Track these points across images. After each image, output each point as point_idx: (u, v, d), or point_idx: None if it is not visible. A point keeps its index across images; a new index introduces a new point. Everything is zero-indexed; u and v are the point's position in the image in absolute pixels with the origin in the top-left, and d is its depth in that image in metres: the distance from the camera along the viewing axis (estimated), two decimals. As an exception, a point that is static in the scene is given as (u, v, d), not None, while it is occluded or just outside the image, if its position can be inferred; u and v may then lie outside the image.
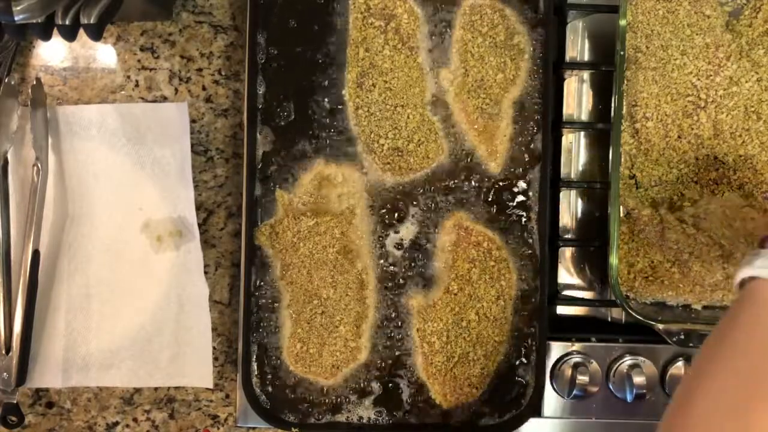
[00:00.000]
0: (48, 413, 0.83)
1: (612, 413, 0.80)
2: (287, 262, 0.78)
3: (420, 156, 0.78)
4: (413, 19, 0.78)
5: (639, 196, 0.78)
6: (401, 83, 0.77)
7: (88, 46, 0.83)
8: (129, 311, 0.82)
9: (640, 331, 0.77)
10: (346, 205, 0.78)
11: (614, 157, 0.74)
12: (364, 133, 0.78)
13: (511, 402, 0.78)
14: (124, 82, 0.83)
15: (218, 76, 0.84)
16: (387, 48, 0.77)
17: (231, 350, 0.83)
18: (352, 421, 0.78)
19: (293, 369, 0.78)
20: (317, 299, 0.77)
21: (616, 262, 0.73)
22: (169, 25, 0.83)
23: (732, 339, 0.53)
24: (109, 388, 0.83)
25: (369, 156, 0.78)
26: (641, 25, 0.77)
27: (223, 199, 0.84)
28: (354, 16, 0.78)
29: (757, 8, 0.78)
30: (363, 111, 0.78)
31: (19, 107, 0.80)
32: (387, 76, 0.77)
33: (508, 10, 0.78)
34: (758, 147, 0.78)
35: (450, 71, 0.78)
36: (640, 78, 0.77)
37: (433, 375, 0.78)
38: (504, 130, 0.78)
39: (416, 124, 0.78)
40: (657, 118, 0.78)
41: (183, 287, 0.81)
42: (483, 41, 0.78)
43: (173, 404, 0.83)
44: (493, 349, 0.78)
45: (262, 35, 0.78)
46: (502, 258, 0.78)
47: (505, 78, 0.78)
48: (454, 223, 0.78)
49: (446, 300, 0.78)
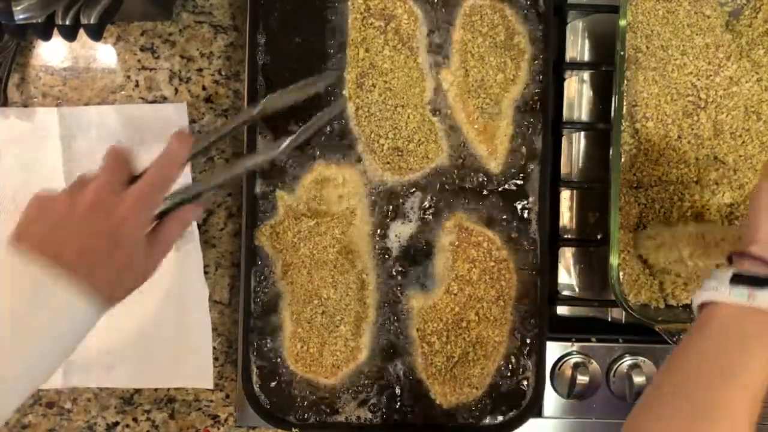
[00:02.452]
0: (48, 413, 0.83)
1: (612, 413, 0.80)
2: (288, 262, 0.78)
3: (420, 156, 0.78)
4: (413, 20, 0.78)
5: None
6: (401, 83, 0.77)
7: (88, 46, 0.83)
8: (129, 312, 0.81)
9: (640, 331, 0.77)
10: (346, 205, 0.78)
11: (614, 157, 0.74)
12: (364, 134, 0.78)
13: (511, 402, 0.78)
14: (124, 82, 0.83)
15: (218, 76, 0.84)
16: (387, 48, 0.77)
17: (231, 350, 0.83)
18: (351, 421, 0.78)
19: (293, 369, 0.78)
20: (317, 299, 0.78)
21: (617, 262, 0.73)
22: (169, 25, 0.83)
23: (684, 363, 0.53)
24: (109, 388, 0.83)
25: (369, 156, 0.78)
26: (641, 25, 0.77)
27: (223, 199, 0.84)
28: (353, 16, 0.78)
29: (757, 8, 0.78)
30: (363, 111, 0.78)
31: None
32: (387, 76, 0.77)
33: (508, 10, 0.78)
34: (758, 147, 0.78)
35: (450, 71, 0.78)
36: (640, 78, 0.77)
37: (433, 375, 0.78)
38: (504, 130, 0.78)
39: (416, 124, 0.78)
40: (657, 118, 0.78)
41: (183, 287, 0.81)
42: (483, 41, 0.78)
43: (173, 404, 0.83)
44: (493, 349, 0.78)
45: (262, 35, 0.78)
46: (502, 258, 0.78)
47: (505, 78, 0.78)
48: (454, 223, 0.78)
49: (446, 300, 0.78)
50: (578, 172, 0.82)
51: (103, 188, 0.58)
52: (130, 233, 0.58)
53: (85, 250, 0.56)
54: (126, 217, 0.58)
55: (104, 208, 0.57)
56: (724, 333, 0.53)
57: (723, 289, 0.52)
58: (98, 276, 0.56)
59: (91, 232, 0.56)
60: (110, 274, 0.57)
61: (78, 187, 0.59)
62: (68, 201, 0.58)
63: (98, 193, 0.58)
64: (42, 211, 0.57)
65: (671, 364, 0.55)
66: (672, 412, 0.51)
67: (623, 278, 0.76)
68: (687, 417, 0.50)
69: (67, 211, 0.57)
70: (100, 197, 0.58)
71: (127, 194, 0.58)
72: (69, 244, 0.55)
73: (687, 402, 0.51)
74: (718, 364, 0.51)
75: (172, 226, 0.62)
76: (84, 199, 0.58)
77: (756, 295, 0.50)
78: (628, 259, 0.77)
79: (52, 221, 0.57)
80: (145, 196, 0.59)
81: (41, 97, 0.83)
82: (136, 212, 0.58)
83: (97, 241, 0.56)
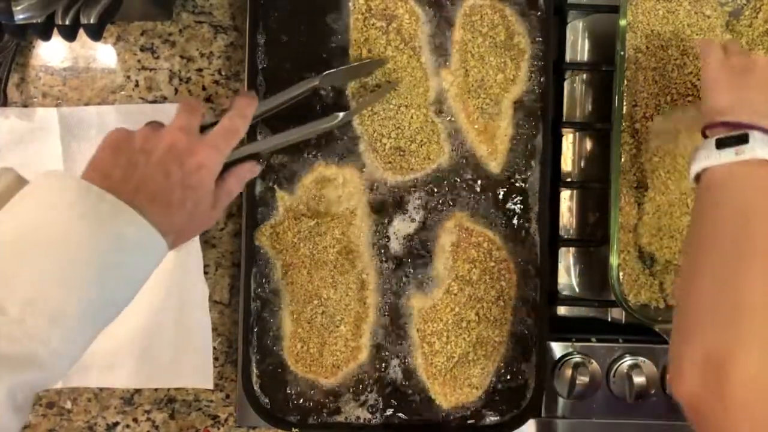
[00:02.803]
0: (48, 413, 0.83)
1: (612, 413, 0.80)
2: (288, 262, 0.78)
3: (421, 156, 0.78)
4: (414, 20, 0.78)
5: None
6: (405, 83, 0.77)
7: (88, 46, 0.83)
8: (129, 312, 0.81)
9: (640, 331, 0.77)
10: (346, 205, 0.78)
11: (614, 157, 0.74)
12: (367, 133, 0.78)
13: (511, 402, 0.78)
14: (124, 83, 0.83)
15: (218, 76, 0.84)
16: (389, 49, 0.77)
17: (231, 350, 0.83)
18: (351, 421, 0.78)
19: (293, 369, 0.78)
20: (317, 299, 0.78)
21: (616, 262, 0.73)
22: (169, 25, 0.83)
23: (703, 226, 0.58)
24: (109, 388, 0.83)
25: (371, 155, 0.78)
26: (641, 25, 0.77)
27: (223, 199, 0.83)
28: (355, 17, 0.78)
29: (757, 8, 0.78)
30: (367, 110, 0.78)
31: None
32: (390, 76, 0.77)
33: (508, 10, 0.78)
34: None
35: (450, 71, 0.78)
36: (640, 78, 0.77)
37: (433, 375, 0.78)
38: (504, 130, 0.78)
39: (419, 124, 0.78)
40: (657, 118, 0.78)
41: (183, 287, 0.81)
42: (483, 41, 0.78)
43: (173, 404, 0.83)
44: (493, 350, 0.78)
45: (262, 35, 0.78)
46: (502, 258, 0.78)
47: (505, 78, 0.78)
48: (454, 223, 0.78)
49: (446, 300, 0.78)
50: (578, 172, 0.82)
51: (181, 132, 0.60)
52: (203, 180, 0.60)
53: (158, 194, 0.57)
54: (202, 163, 0.59)
55: (181, 152, 0.59)
56: (726, 185, 0.59)
57: (713, 155, 0.59)
58: (169, 219, 0.57)
59: (166, 175, 0.57)
60: (181, 218, 0.58)
61: (152, 130, 0.60)
62: (144, 142, 0.59)
63: (176, 136, 0.59)
64: (116, 151, 0.58)
65: (690, 236, 0.62)
66: (712, 268, 0.56)
67: (623, 278, 0.76)
68: (729, 265, 0.55)
69: (143, 153, 0.58)
70: (177, 141, 0.59)
71: (203, 141, 0.60)
72: (144, 187, 0.56)
73: (722, 255, 0.56)
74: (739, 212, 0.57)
75: (234, 179, 0.64)
76: (161, 142, 0.59)
77: (741, 149, 0.58)
78: (628, 259, 0.77)
79: (128, 161, 0.57)
80: (220, 145, 0.61)
81: (41, 97, 0.83)
82: (212, 159, 0.60)
83: (171, 184, 0.58)
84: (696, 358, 0.52)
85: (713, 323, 0.53)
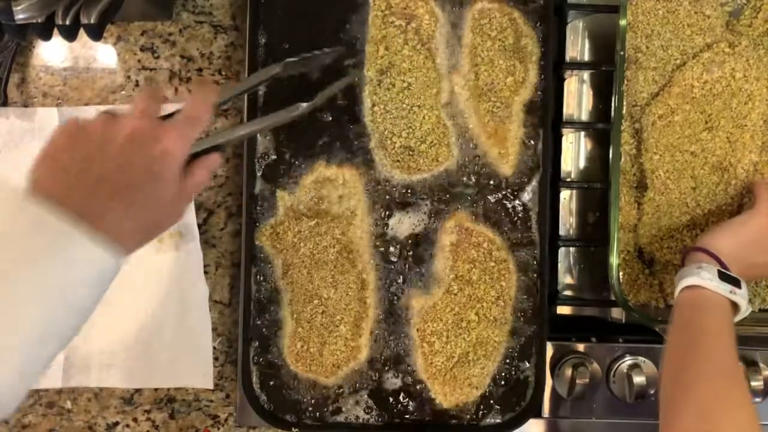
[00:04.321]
0: (48, 413, 0.83)
1: (612, 413, 0.80)
2: (288, 262, 0.78)
3: (430, 158, 0.78)
4: (434, 21, 0.78)
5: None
6: (419, 84, 0.77)
7: (88, 46, 0.83)
8: (129, 312, 0.82)
9: (640, 331, 0.77)
10: (346, 205, 0.78)
11: (614, 157, 0.74)
12: (377, 130, 0.78)
13: (511, 402, 0.78)
14: (124, 82, 0.83)
15: (218, 76, 0.84)
16: (406, 48, 0.77)
17: (231, 350, 0.83)
18: (351, 421, 0.78)
19: (293, 368, 0.78)
20: (318, 299, 0.78)
21: (616, 262, 0.73)
22: (169, 25, 0.83)
23: (689, 336, 0.64)
24: (109, 388, 0.83)
25: (380, 152, 0.78)
26: (641, 25, 0.77)
27: (223, 199, 0.84)
28: (374, 14, 0.78)
29: (757, 8, 0.78)
30: (379, 108, 0.78)
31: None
32: (405, 75, 0.77)
33: (516, 13, 0.78)
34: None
35: (461, 75, 0.78)
36: (640, 78, 0.77)
37: (433, 375, 0.78)
38: (515, 133, 0.78)
39: (431, 125, 0.78)
40: (657, 118, 0.78)
41: (183, 287, 0.81)
42: (492, 45, 0.78)
43: (173, 404, 0.83)
44: (493, 349, 0.78)
45: (262, 35, 0.78)
46: (502, 258, 0.78)
47: (514, 81, 0.78)
48: (454, 223, 0.78)
49: (446, 300, 0.78)
50: (578, 172, 0.82)
51: (143, 118, 0.55)
52: (169, 167, 0.55)
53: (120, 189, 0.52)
54: (167, 150, 0.54)
55: (144, 138, 0.54)
56: (711, 307, 0.66)
57: (715, 281, 0.65)
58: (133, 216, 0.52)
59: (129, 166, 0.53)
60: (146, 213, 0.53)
61: (111, 117, 0.55)
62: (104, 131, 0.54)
63: (137, 123, 0.54)
64: (73, 143, 0.53)
65: (669, 344, 0.65)
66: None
67: (623, 278, 0.76)
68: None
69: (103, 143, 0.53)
70: (140, 127, 0.54)
71: (168, 127, 0.55)
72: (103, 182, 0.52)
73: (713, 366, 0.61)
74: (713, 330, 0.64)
75: (202, 170, 0.59)
76: (122, 129, 0.54)
77: (736, 291, 0.66)
78: (628, 259, 0.77)
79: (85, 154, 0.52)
80: (185, 132, 0.56)
81: (41, 97, 0.83)
82: (177, 146, 0.55)
83: (134, 176, 0.53)
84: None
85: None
